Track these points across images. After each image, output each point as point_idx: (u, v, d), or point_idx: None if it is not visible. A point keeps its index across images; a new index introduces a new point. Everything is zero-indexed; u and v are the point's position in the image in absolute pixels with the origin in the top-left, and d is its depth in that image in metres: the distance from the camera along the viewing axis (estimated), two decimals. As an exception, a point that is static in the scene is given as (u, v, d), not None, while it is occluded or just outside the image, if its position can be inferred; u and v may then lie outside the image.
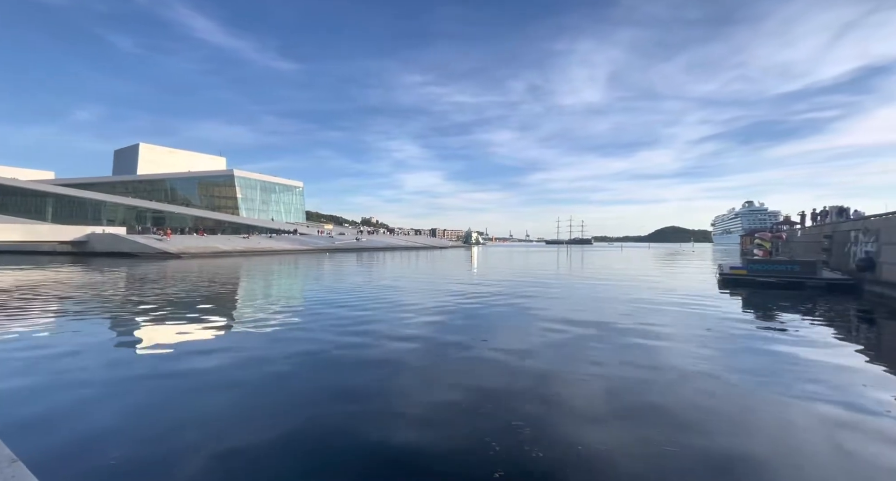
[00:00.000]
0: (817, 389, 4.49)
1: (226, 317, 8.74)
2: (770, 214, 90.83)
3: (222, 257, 34.97)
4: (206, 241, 42.13)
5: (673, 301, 11.17)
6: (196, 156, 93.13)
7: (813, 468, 2.94)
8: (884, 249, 12.76)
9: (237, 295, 12.57)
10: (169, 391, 4.41)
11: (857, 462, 3.03)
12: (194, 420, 3.67)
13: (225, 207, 72.42)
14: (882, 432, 3.51)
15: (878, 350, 6.72)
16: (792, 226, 28.30)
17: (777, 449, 3.18)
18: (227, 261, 29.82)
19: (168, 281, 15.68)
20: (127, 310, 9.47)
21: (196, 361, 5.45)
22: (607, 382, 4.70)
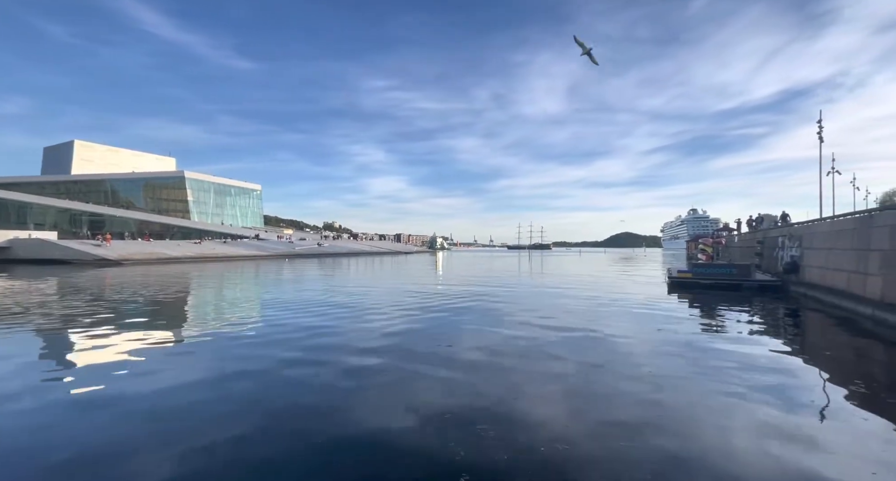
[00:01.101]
0: (750, 378, 4.91)
1: (162, 332, 7.96)
2: (712, 221, 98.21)
3: (171, 264, 32.71)
4: (153, 247, 39.30)
5: (626, 303, 11.79)
6: (141, 156, 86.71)
7: (743, 448, 3.22)
8: (805, 253, 14.20)
9: (180, 305, 11.65)
10: (75, 422, 3.84)
11: (781, 443, 3.35)
12: (93, 458, 3.17)
13: (174, 211, 67.94)
14: (800, 409, 3.91)
15: (801, 343, 7.46)
16: (730, 232, 30.79)
17: (715, 434, 3.45)
18: (176, 268, 27.93)
19: (101, 290, 14.44)
20: (42, 323, 8.58)
21: (114, 385, 4.76)
22: (565, 381, 4.88)
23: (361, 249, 69.59)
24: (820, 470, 2.95)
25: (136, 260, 32.76)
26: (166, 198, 69.78)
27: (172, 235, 54.74)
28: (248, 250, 47.65)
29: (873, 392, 4.76)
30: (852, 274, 10.45)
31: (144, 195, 69.68)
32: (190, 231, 57.91)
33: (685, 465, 3.02)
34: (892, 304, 8.44)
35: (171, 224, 59.28)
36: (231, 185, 79.68)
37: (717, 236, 29.16)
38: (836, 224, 12.25)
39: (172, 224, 59.36)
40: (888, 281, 8.77)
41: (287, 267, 30.16)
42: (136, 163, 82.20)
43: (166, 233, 55.43)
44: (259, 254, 46.41)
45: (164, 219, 61.03)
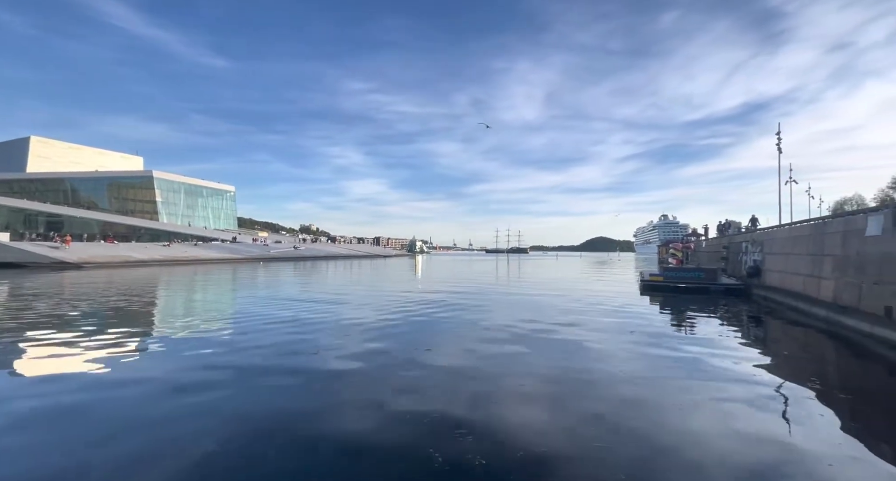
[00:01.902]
0: (716, 377, 5.14)
1: (121, 340, 7.38)
2: (681, 227, 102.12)
3: (137, 267, 31.24)
4: (117, 250, 37.44)
5: (601, 306, 12.10)
6: (105, 154, 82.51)
7: (712, 433, 3.37)
8: (767, 258, 14.99)
9: (143, 311, 10.85)
10: (18, 444, 3.44)
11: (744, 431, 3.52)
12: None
13: (142, 212, 64.99)
14: (760, 401, 4.13)
15: (763, 343, 7.87)
16: (698, 238, 32.14)
17: (685, 430, 3.60)
18: (143, 271, 26.69)
19: (55, 295, 13.65)
20: None
21: (64, 399, 4.41)
22: (543, 381, 4.97)
23: (339, 253, 68.51)
24: (780, 462, 3.12)
25: (98, 263, 31.10)
26: (133, 198, 66.63)
27: (139, 237, 52.31)
28: (220, 253, 46.07)
29: (827, 389, 5.07)
30: (808, 277, 11.11)
31: (109, 195, 66.30)
32: (158, 233, 55.49)
33: (658, 460, 3.13)
34: (843, 306, 9.02)
35: (138, 226, 56.64)
36: (203, 186, 76.95)
37: (686, 241, 30.38)
38: (794, 230, 13.01)
39: (139, 226, 56.73)
40: (840, 284, 9.37)
41: (261, 270, 29.35)
42: (100, 161, 78.09)
43: (132, 235, 52.92)
44: (232, 258, 44.95)
45: (131, 220, 58.24)
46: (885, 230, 7.81)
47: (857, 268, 8.70)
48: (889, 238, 7.71)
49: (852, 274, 8.89)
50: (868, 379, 5.86)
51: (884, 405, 4.85)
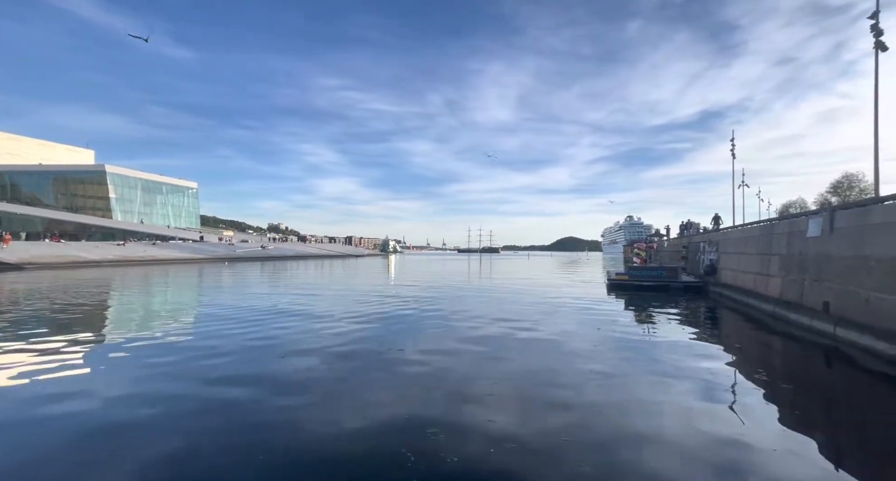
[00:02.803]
0: (676, 370, 5.44)
1: (58, 348, 6.89)
2: (645, 227, 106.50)
3: (87, 268, 29.21)
4: (64, 249, 34.87)
5: (570, 304, 12.47)
6: (50, 146, 76.36)
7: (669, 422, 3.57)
8: (722, 258, 15.94)
9: (79, 318, 9.74)
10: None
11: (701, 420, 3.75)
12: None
13: (93, 209, 60.86)
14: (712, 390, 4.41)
15: (718, 338, 8.37)
16: (661, 238, 33.70)
17: (647, 421, 3.79)
18: (94, 272, 24.98)
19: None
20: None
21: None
22: (512, 377, 5.07)
23: (309, 252, 66.84)
24: (729, 448, 3.34)
25: (41, 263, 28.84)
26: (83, 194, 62.23)
27: (90, 236, 48.96)
28: (181, 253, 43.85)
29: (772, 379, 5.47)
30: (758, 275, 11.91)
31: (55, 191, 61.65)
32: (113, 232, 52.14)
33: (621, 450, 3.27)
34: (788, 302, 9.74)
35: (89, 224, 52.98)
36: (162, 182, 72.96)
37: (649, 241, 31.77)
38: (745, 231, 13.90)
39: (90, 224, 53.08)
40: (785, 281, 10.12)
41: (226, 271, 28.18)
42: (44, 154, 72.28)
43: (82, 233, 49.46)
44: (194, 258, 42.88)
45: (80, 217, 54.39)
46: (823, 231, 8.50)
47: (800, 266, 9.42)
48: (826, 239, 8.40)
49: (796, 272, 9.61)
50: (808, 369, 6.36)
51: (821, 392, 5.29)
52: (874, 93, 9.77)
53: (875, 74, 9.81)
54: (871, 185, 11.11)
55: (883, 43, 9.79)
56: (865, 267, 7.07)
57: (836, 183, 36.84)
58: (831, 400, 5.03)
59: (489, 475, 2.96)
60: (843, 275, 7.73)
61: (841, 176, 36.67)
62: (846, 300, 7.56)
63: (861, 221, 7.42)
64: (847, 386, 5.56)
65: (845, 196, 34.62)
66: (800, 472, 3.07)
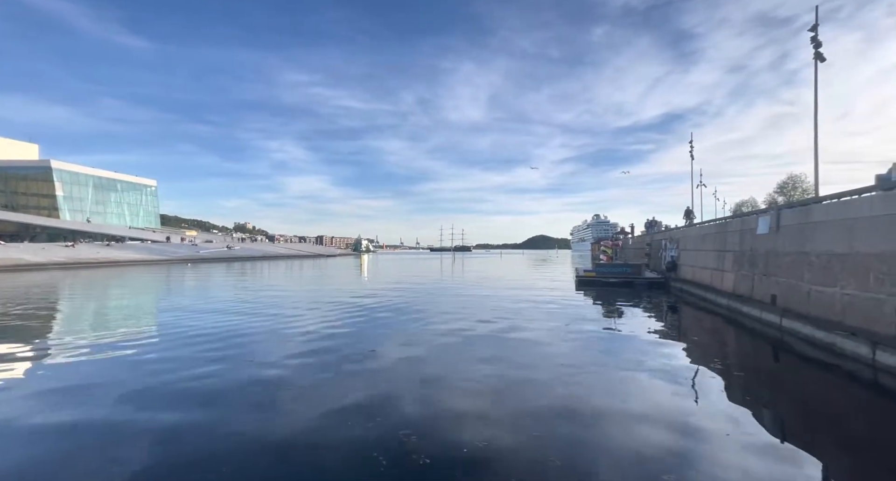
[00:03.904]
0: (641, 358, 5.70)
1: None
2: (612, 226, 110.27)
3: (31, 271, 27.07)
4: (3, 251, 32.17)
5: (541, 300, 12.77)
6: (-12, 140, 70.16)
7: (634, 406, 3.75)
8: (682, 254, 16.78)
9: (13, 326, 8.97)
10: None
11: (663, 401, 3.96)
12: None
13: (38, 207, 56.49)
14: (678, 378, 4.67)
15: (678, 329, 8.83)
16: (626, 236, 35.06)
17: (616, 411, 3.95)
18: (39, 276, 23.20)
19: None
20: None
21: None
22: (484, 372, 5.15)
23: (278, 252, 64.85)
24: (690, 434, 3.55)
25: (-21, 268, 26.50)
26: (25, 192, 57.61)
27: (34, 237, 45.41)
28: (139, 254, 41.45)
29: (726, 367, 5.84)
30: (714, 271, 12.64)
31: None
32: (60, 232, 48.56)
33: (588, 442, 3.40)
34: (741, 295, 10.40)
35: (33, 223, 49.13)
36: (117, 179, 68.67)
37: (615, 239, 32.97)
38: (703, 229, 14.71)
39: (34, 223, 49.22)
40: (738, 276, 10.79)
41: (188, 273, 26.89)
42: (-19, 147, 66.31)
43: (25, 234, 45.78)
44: (154, 259, 40.63)
45: (22, 217, 50.31)
46: (770, 229, 9.13)
47: (751, 262, 10.08)
48: (774, 236, 9.03)
49: (747, 267, 10.27)
50: (757, 357, 6.83)
51: (767, 377, 5.71)
52: (814, 100, 10.55)
53: (815, 83, 10.60)
54: (812, 186, 12.02)
55: (821, 54, 10.59)
56: (807, 262, 7.66)
57: (783, 183, 39.56)
58: (776, 383, 5.45)
59: (462, 471, 3.00)
60: (788, 270, 8.34)
61: (786, 177, 39.36)
62: (790, 293, 8.17)
63: (803, 219, 8.02)
64: (789, 371, 6.03)
65: (790, 196, 37.22)
66: (749, 447, 3.31)
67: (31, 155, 71.33)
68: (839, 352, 6.26)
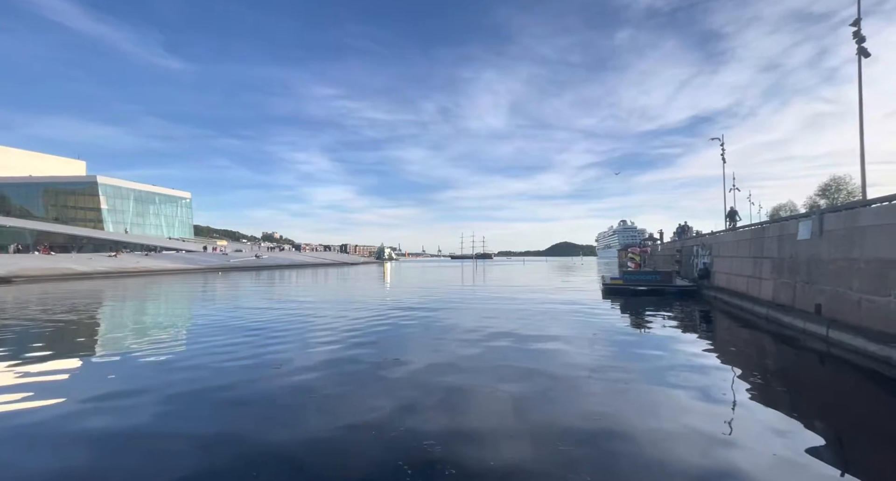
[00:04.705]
0: (673, 375, 5.43)
1: (46, 364, 7.05)
2: (639, 232, 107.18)
3: (78, 280, 28.79)
4: (54, 261, 34.38)
5: (566, 310, 12.47)
6: (40, 158, 75.65)
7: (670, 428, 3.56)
8: (715, 261, 16.07)
9: (75, 330, 9.96)
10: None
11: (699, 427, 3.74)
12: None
13: (85, 220, 60.27)
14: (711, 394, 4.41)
15: (713, 340, 8.40)
16: (654, 242, 33.95)
17: (647, 427, 3.77)
18: (84, 285, 24.63)
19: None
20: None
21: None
22: (509, 384, 5.04)
23: (304, 261, 66.43)
24: (734, 455, 3.33)
25: (31, 276, 28.38)
26: (74, 205, 61.67)
27: (81, 248, 48.38)
28: (174, 263, 43.41)
29: (768, 381, 5.49)
30: (750, 278, 12.01)
31: (45, 202, 61.06)
32: (104, 243, 51.56)
33: (619, 458, 3.25)
34: (781, 304, 9.82)
35: (80, 235, 52.39)
36: (155, 193, 72.56)
37: (643, 246, 31.99)
38: (737, 235, 14.05)
39: (81, 235, 52.48)
40: (777, 284, 10.21)
41: (220, 281, 27.91)
42: (35, 165, 71.54)
43: (73, 245, 48.87)
44: (188, 268, 42.45)
45: (71, 229, 53.78)
46: (813, 234, 8.61)
47: (791, 269, 9.52)
48: (817, 241, 8.51)
49: (787, 274, 9.70)
50: (802, 371, 6.39)
51: (816, 393, 5.32)
52: (858, 98, 9.98)
53: (859, 80, 10.03)
54: (858, 188, 11.29)
55: (865, 49, 10.03)
56: (855, 268, 7.16)
57: (825, 186, 37.45)
58: (825, 401, 5.05)
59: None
60: (833, 278, 7.82)
61: (829, 179, 37.33)
62: (838, 302, 7.64)
63: (850, 224, 7.53)
64: (841, 388, 5.59)
65: (833, 199, 35.16)
66: (796, 475, 3.07)
67: (79, 171, 76.63)
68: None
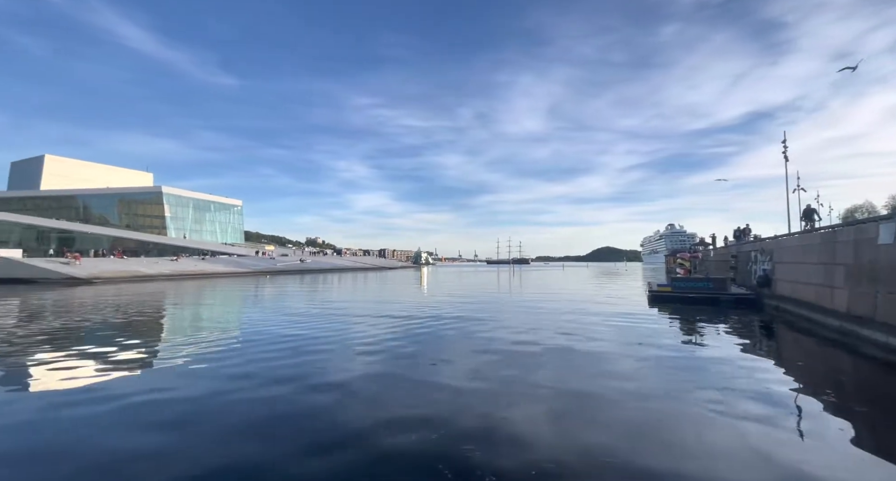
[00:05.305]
0: (730, 393, 5.02)
1: (126, 356, 7.67)
2: (688, 236, 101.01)
3: (145, 282, 31.53)
4: (126, 265, 37.85)
5: (609, 317, 11.95)
6: (116, 171, 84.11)
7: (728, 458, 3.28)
8: (777, 268, 14.78)
9: (143, 328, 11.13)
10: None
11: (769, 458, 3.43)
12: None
13: (151, 227, 65.91)
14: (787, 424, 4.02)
15: (776, 355, 7.70)
16: (706, 247, 31.81)
17: (697, 451, 3.51)
18: (151, 286, 26.92)
19: (59, 312, 13.79)
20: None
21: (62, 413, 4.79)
22: (549, 394, 4.89)
23: (344, 265, 68.65)
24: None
25: (107, 278, 31.45)
26: (142, 213, 67.70)
27: (148, 252, 52.92)
28: (227, 267, 46.41)
29: (843, 402, 4.93)
30: (820, 287, 10.92)
31: (119, 211, 67.47)
32: (166, 248, 56.13)
33: (669, 475, 3.05)
34: (858, 316, 8.84)
35: (147, 240, 57.39)
36: (210, 201, 78.06)
37: (694, 251, 30.06)
38: (804, 239, 12.85)
39: (148, 241, 57.48)
40: (853, 294, 9.20)
41: (268, 284, 29.48)
42: (111, 178, 79.66)
43: (141, 249, 53.59)
44: (239, 271, 45.24)
45: (140, 235, 59.04)
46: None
47: (871, 277, 8.54)
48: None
49: (866, 283, 8.72)
50: (888, 391, 5.69)
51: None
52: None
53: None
54: (951, 186, 9.85)
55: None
56: (951, 277, 6.30)
57: (909, 184, 33.40)
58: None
59: None
60: (923, 287, 6.92)
61: (914, 176, 33.17)
62: (929, 314, 6.75)
63: (942, 226, 6.65)
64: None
65: (920, 198, 31.23)
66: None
67: (147, 182, 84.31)
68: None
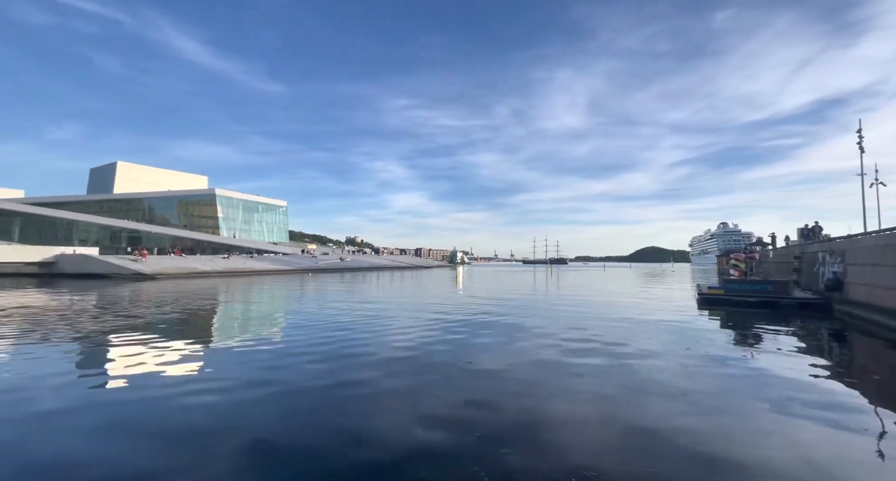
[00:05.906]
0: (791, 411, 4.58)
1: (184, 345, 8.29)
2: (744, 235, 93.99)
3: (200, 278, 33.93)
4: (184, 262, 40.93)
5: (655, 320, 11.34)
6: (177, 175, 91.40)
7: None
8: (849, 270, 13.36)
9: (204, 321, 12.17)
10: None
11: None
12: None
13: (205, 227, 70.89)
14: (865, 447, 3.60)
15: (849, 367, 6.94)
16: (764, 247, 29.39)
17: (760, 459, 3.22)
18: (206, 282, 28.93)
19: (134, 304, 15.10)
20: (71, 335, 9.04)
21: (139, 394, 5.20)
22: (593, 401, 4.70)
23: (382, 264, 70.23)
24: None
25: (168, 274, 34.16)
26: (198, 214, 72.96)
27: (203, 250, 56.95)
28: (273, 265, 48.93)
29: (934, 422, 4.35)
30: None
31: (178, 212, 73.15)
32: (219, 246, 60.12)
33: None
34: (950, 325, 7.78)
35: (202, 239, 61.79)
36: (258, 202, 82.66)
37: (749, 251, 27.87)
38: (882, 238, 11.51)
39: (203, 239, 61.87)
40: (944, 300, 8.12)
41: (311, 281, 30.74)
42: (173, 182, 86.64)
43: (197, 248, 57.78)
44: (284, 269, 47.55)
45: (196, 234, 63.70)
46: None
47: (967, 281, 7.49)
48: None
49: (961, 288, 7.65)
50: None
51: None
52: None
53: None
54: None
55: None
56: None
57: None
58: None
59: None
60: None
61: None
62: None
63: None
64: None
65: None
66: None
67: (202, 185, 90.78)
68: None
